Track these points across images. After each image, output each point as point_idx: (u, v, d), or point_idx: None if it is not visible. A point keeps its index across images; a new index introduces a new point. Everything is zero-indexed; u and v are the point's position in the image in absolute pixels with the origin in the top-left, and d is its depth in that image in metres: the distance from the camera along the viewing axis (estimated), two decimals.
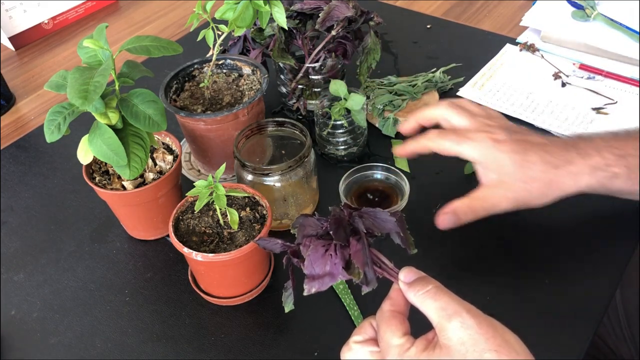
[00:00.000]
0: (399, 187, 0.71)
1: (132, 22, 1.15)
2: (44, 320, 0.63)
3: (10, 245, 0.72)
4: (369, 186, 0.73)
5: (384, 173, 0.73)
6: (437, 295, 0.42)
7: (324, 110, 0.76)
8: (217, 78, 0.76)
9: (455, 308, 0.41)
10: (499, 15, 1.05)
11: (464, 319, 0.40)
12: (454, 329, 0.40)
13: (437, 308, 0.41)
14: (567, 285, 0.61)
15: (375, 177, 0.73)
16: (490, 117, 0.61)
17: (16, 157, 0.85)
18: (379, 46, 0.79)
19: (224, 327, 0.61)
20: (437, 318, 0.41)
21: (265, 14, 0.64)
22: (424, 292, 0.43)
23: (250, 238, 0.59)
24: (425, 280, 0.44)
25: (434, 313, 0.42)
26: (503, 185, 0.57)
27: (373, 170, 0.73)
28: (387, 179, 0.73)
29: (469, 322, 0.40)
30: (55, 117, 0.57)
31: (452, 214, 0.58)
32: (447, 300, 0.42)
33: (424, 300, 0.43)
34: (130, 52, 0.59)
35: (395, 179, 0.72)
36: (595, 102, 0.83)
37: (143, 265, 0.68)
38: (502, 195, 0.57)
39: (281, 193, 0.66)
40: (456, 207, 0.58)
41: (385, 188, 0.72)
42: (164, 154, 0.68)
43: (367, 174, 0.73)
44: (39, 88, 1.00)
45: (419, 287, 0.43)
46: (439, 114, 0.63)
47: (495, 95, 0.86)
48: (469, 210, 0.58)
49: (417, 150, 0.63)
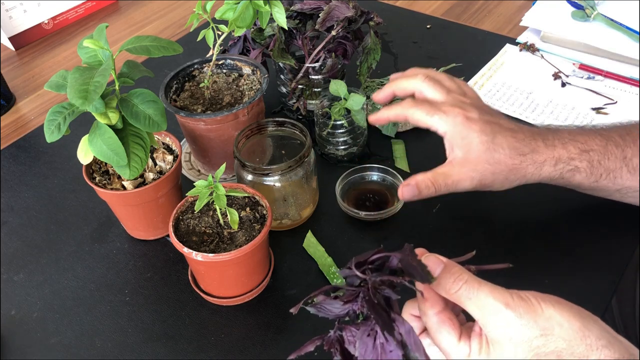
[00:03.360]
0: (395, 188, 0.71)
1: (132, 22, 1.15)
2: (44, 320, 0.63)
3: (10, 245, 0.72)
4: (365, 188, 0.73)
5: (381, 175, 0.73)
6: (470, 292, 0.41)
7: (324, 110, 0.76)
8: (217, 78, 0.76)
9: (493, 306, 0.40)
10: (499, 15, 1.05)
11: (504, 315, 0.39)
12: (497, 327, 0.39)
13: (475, 306, 0.40)
14: (566, 286, 0.61)
15: (371, 179, 0.73)
16: (464, 94, 0.61)
17: (16, 157, 0.85)
18: (379, 46, 0.79)
19: (224, 327, 0.61)
20: (479, 316, 0.40)
21: (265, 14, 0.64)
22: (455, 291, 0.41)
23: (250, 238, 0.59)
24: (453, 273, 0.42)
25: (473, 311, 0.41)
26: (468, 165, 0.57)
27: (369, 172, 0.73)
28: (383, 180, 0.73)
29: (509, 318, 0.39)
30: (55, 117, 0.57)
31: (413, 186, 0.58)
32: (483, 296, 0.40)
33: (458, 299, 0.41)
34: (130, 52, 0.59)
35: (391, 181, 0.72)
36: (595, 102, 0.83)
37: (143, 265, 0.68)
38: (466, 174, 0.57)
39: (281, 193, 0.66)
40: (418, 181, 0.58)
41: (381, 190, 0.72)
42: (164, 154, 0.68)
43: (363, 176, 0.73)
44: (39, 88, 1.00)
45: (449, 285, 0.42)
46: (414, 85, 0.62)
47: (495, 95, 0.86)
48: (430, 185, 0.58)
49: (391, 118, 0.63)
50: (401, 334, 0.39)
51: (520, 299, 0.40)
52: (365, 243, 0.68)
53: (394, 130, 0.80)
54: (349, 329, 0.41)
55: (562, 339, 0.38)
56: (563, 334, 0.38)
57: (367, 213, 0.68)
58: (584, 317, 0.39)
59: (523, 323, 0.39)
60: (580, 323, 0.39)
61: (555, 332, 0.38)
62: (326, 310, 0.42)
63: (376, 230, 0.69)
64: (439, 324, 0.42)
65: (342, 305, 0.41)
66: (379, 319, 0.39)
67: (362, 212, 0.68)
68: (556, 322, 0.39)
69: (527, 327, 0.39)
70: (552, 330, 0.38)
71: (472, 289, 0.41)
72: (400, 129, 0.81)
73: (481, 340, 0.41)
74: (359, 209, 0.69)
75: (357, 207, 0.70)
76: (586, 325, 0.39)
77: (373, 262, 0.42)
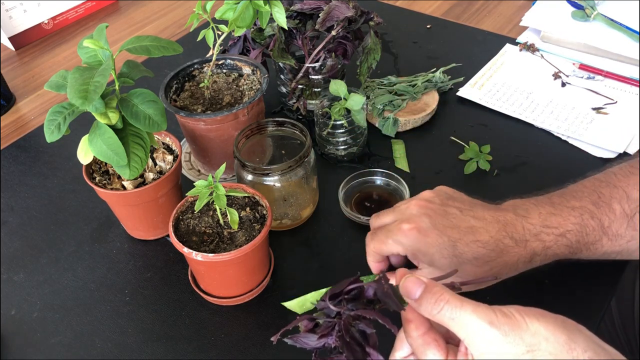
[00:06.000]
0: (399, 192, 0.71)
1: (132, 22, 1.15)
2: (44, 320, 0.63)
3: (10, 245, 0.72)
4: (369, 192, 0.72)
5: (384, 179, 0.73)
6: (453, 312, 0.40)
7: (324, 110, 0.76)
8: (217, 78, 0.76)
9: (477, 325, 0.39)
10: (499, 15, 1.05)
11: (489, 334, 0.38)
12: (483, 347, 0.39)
13: (459, 326, 0.39)
14: (566, 286, 0.61)
15: (375, 183, 0.73)
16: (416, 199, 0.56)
17: (16, 157, 0.85)
18: (379, 46, 0.79)
19: (224, 327, 0.61)
20: (464, 336, 0.39)
21: (265, 14, 0.64)
22: (438, 312, 0.40)
23: (250, 238, 0.59)
24: (434, 293, 0.41)
25: (458, 331, 0.40)
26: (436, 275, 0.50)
27: (373, 176, 0.73)
28: (387, 184, 0.72)
29: (494, 337, 0.38)
30: (55, 117, 0.57)
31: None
32: (466, 315, 0.39)
33: (441, 319, 0.40)
34: (130, 52, 0.59)
35: (395, 185, 0.72)
36: (595, 102, 0.83)
37: (143, 265, 0.68)
38: None
39: (281, 193, 0.66)
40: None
41: (385, 194, 0.72)
42: (164, 154, 0.68)
43: (366, 180, 0.73)
44: (39, 88, 1.00)
45: (430, 306, 0.41)
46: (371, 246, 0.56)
47: (495, 95, 0.86)
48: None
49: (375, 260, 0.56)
50: None
51: (505, 316, 0.39)
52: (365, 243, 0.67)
53: (394, 130, 0.80)
54: None
55: (549, 353, 0.38)
56: (550, 349, 0.38)
57: (368, 218, 0.68)
58: (569, 329, 0.39)
59: (509, 341, 0.38)
60: (566, 336, 0.38)
61: (542, 347, 0.38)
62: (302, 343, 0.42)
63: None
64: (424, 346, 0.41)
65: (317, 339, 0.41)
66: (352, 355, 0.40)
67: (364, 217, 0.68)
68: (542, 337, 0.38)
69: (513, 344, 0.38)
70: (538, 345, 0.38)
71: (454, 308, 0.40)
72: (400, 128, 0.81)
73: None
74: (361, 213, 0.69)
75: (359, 211, 0.70)
76: (572, 337, 0.38)
77: (349, 292, 0.42)
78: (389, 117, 0.80)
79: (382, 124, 0.80)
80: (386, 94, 0.83)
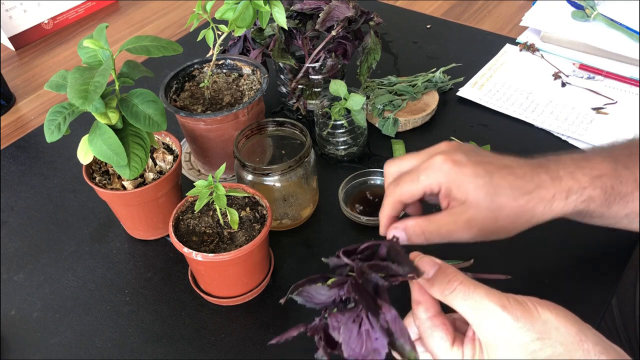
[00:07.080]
0: None
1: (132, 22, 1.15)
2: (44, 320, 0.63)
3: (10, 245, 0.72)
4: (369, 192, 0.72)
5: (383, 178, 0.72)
6: (466, 294, 0.39)
7: (324, 110, 0.76)
8: (217, 78, 0.76)
9: (489, 308, 0.39)
10: (499, 15, 1.05)
11: (500, 317, 0.38)
12: (492, 330, 0.38)
13: (470, 308, 0.39)
14: (567, 285, 0.61)
15: (375, 183, 0.73)
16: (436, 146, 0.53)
17: (16, 157, 0.85)
18: (379, 46, 0.79)
19: (224, 327, 0.61)
20: (473, 318, 0.39)
21: (265, 14, 0.64)
22: (450, 292, 0.40)
23: (250, 238, 0.59)
24: (448, 274, 0.41)
25: (467, 313, 0.40)
26: (466, 213, 0.48)
27: (372, 176, 0.73)
28: None
29: (505, 321, 0.38)
30: (55, 117, 0.57)
31: (401, 230, 0.50)
32: (478, 298, 0.39)
33: (452, 300, 0.40)
34: (130, 52, 0.59)
35: None
36: (595, 102, 0.83)
37: (143, 265, 0.68)
38: (463, 225, 0.48)
39: (281, 193, 0.66)
40: (408, 226, 0.49)
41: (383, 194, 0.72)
42: (164, 154, 0.68)
43: (366, 180, 0.73)
44: (39, 88, 1.00)
45: (443, 286, 0.40)
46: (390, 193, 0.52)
47: (495, 95, 0.86)
48: (420, 233, 0.49)
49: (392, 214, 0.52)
50: (387, 321, 0.38)
51: (517, 302, 0.39)
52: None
53: (394, 130, 0.80)
54: (334, 316, 0.39)
55: (559, 344, 0.38)
56: (560, 339, 0.38)
57: (368, 218, 0.68)
58: (579, 324, 0.39)
59: (519, 326, 0.38)
60: (576, 328, 0.38)
61: (552, 336, 0.38)
62: (312, 297, 0.40)
63: (377, 231, 0.69)
64: (431, 328, 0.41)
65: (328, 291, 0.40)
66: (365, 302, 0.38)
67: (364, 217, 0.68)
68: (553, 326, 0.38)
69: (523, 330, 0.38)
70: (549, 334, 0.38)
71: (467, 290, 0.40)
72: (401, 128, 0.81)
73: (474, 345, 0.40)
74: (361, 213, 0.69)
75: (359, 211, 0.70)
76: (582, 331, 0.39)
77: (362, 252, 0.41)
78: (389, 117, 0.80)
79: (382, 124, 0.80)
80: (386, 94, 0.83)
